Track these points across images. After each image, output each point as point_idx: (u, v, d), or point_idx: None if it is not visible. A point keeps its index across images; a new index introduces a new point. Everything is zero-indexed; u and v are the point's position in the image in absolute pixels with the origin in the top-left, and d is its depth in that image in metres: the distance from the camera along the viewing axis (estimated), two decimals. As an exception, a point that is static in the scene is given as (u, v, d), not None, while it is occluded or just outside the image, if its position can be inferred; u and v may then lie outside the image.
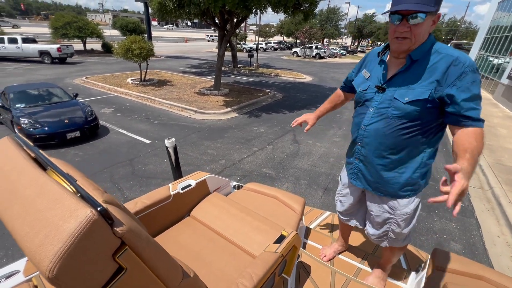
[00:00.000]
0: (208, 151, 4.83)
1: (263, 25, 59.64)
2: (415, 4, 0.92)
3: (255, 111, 7.69)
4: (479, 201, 3.78)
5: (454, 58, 0.99)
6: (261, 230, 1.08)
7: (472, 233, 3.11)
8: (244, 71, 15.58)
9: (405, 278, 1.52)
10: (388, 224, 1.32)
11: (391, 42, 1.09)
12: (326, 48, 30.31)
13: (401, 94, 1.07)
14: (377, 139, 1.16)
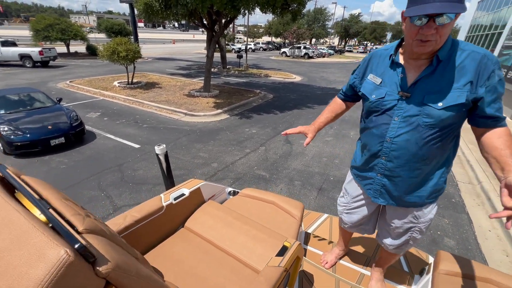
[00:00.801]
0: (200, 154, 4.73)
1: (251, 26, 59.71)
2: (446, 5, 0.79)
3: (246, 112, 7.63)
4: (469, 196, 3.85)
5: (482, 55, 0.92)
6: (261, 241, 1.02)
7: (465, 228, 3.16)
8: (234, 72, 15.49)
9: (409, 281, 1.49)
10: (410, 233, 1.26)
11: (410, 44, 0.94)
12: (314, 48, 30.59)
13: (433, 99, 0.95)
14: (409, 151, 1.04)
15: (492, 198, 3.63)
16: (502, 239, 2.98)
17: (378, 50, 1.13)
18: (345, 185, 1.46)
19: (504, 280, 1.11)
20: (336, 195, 3.65)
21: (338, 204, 1.53)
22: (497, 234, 3.06)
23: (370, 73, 1.12)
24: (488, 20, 13.21)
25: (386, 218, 1.31)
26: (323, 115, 1.41)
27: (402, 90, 1.00)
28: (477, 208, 3.58)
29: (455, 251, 2.78)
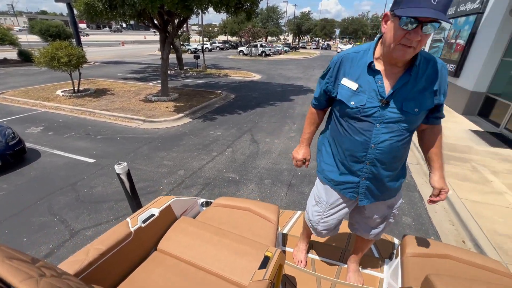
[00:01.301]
0: (164, 162, 4.50)
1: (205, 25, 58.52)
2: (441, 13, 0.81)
3: (209, 114, 7.48)
4: (418, 176, 4.30)
5: (441, 65, 1.03)
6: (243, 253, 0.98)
7: (418, 205, 3.52)
8: (192, 73, 15.05)
9: (380, 266, 1.61)
10: (386, 220, 1.39)
11: (391, 48, 0.94)
12: (270, 45, 31.19)
13: (410, 106, 1.01)
14: (391, 154, 1.09)
15: (437, 175, 4.10)
16: (447, 211, 3.40)
17: (349, 53, 1.09)
18: (316, 193, 1.41)
19: (459, 254, 1.27)
20: (305, 188, 3.78)
21: (310, 215, 1.46)
22: (444, 207, 3.48)
23: (343, 77, 1.08)
24: (419, 17, 14.84)
25: (365, 213, 1.37)
26: (308, 130, 1.40)
27: (382, 98, 1.02)
28: (425, 185, 4.02)
29: (412, 227, 3.09)
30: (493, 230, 2.92)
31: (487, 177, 4.05)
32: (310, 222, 1.47)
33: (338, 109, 1.15)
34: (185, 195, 3.59)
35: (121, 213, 3.19)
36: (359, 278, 1.55)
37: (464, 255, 1.26)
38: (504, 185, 3.84)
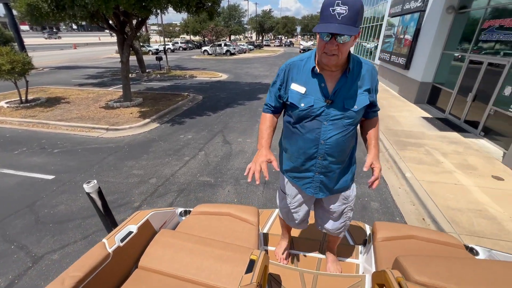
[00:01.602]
0: (134, 172, 4.29)
1: (166, 25, 56.33)
2: (344, 28, 0.97)
3: (177, 117, 7.27)
4: (381, 162, 4.66)
5: (372, 67, 1.20)
6: (228, 259, 0.99)
7: (383, 190, 3.82)
8: (156, 76, 14.44)
9: (356, 253, 1.73)
10: (345, 213, 1.50)
11: (320, 56, 1.11)
12: (235, 44, 31.09)
13: (350, 104, 1.16)
14: (338, 148, 1.23)
15: (397, 161, 4.48)
16: (408, 193, 3.74)
17: (295, 61, 1.23)
18: (282, 189, 1.55)
19: (421, 233, 1.43)
20: (280, 185, 3.89)
21: (280, 208, 1.61)
22: (405, 190, 3.82)
23: (292, 83, 1.21)
24: (371, 13, 15.92)
25: (323, 207, 1.49)
26: (266, 134, 1.35)
27: (326, 98, 1.16)
28: (388, 171, 4.37)
29: (380, 211, 3.35)
30: (446, 206, 3.28)
31: (438, 159, 4.53)
32: (281, 214, 1.64)
33: (290, 112, 1.27)
34: (159, 204, 3.48)
35: (90, 230, 2.99)
36: (337, 267, 1.67)
37: (426, 233, 1.42)
38: (452, 164, 4.33)
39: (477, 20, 6.13)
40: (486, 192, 3.57)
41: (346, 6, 0.95)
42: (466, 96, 6.17)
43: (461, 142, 5.29)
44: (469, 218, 3.08)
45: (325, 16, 1.00)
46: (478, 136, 5.60)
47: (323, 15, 1.01)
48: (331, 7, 0.97)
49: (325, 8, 0.99)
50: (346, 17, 0.96)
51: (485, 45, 5.83)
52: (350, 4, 0.95)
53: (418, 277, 0.87)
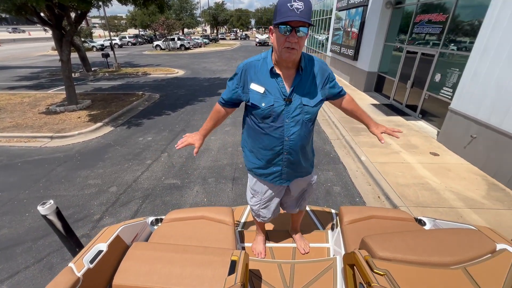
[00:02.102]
0: (89, 182, 3.95)
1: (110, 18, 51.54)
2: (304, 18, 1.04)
3: (134, 119, 6.82)
4: (340, 149, 5.02)
5: (321, 62, 1.28)
6: (209, 263, 0.99)
7: (343, 174, 4.14)
8: (104, 75, 13.24)
9: (325, 238, 1.87)
10: (304, 192, 1.66)
11: (280, 51, 1.14)
12: (189, 38, 29.92)
13: (307, 100, 1.23)
14: (301, 142, 1.32)
15: (353, 146, 4.87)
16: (365, 175, 4.11)
17: (252, 61, 1.26)
18: (251, 187, 1.61)
19: (379, 213, 1.60)
20: (249, 180, 3.95)
21: (251, 206, 1.67)
22: (362, 172, 4.19)
23: (251, 82, 1.24)
24: (320, 7, 16.65)
25: (290, 193, 1.61)
26: (206, 124, 1.51)
27: (285, 96, 1.22)
28: (346, 156, 4.73)
29: (342, 194, 3.63)
30: (396, 183, 3.70)
31: (387, 141, 5.04)
32: (253, 212, 1.69)
33: (253, 112, 1.30)
34: (123, 213, 3.27)
35: (43, 252, 2.69)
36: (306, 243, 1.82)
37: (383, 212, 1.60)
38: (398, 145, 4.86)
39: (411, 15, 6.86)
40: (426, 167, 4.11)
41: (302, 2, 1.03)
42: (406, 83, 6.92)
43: (404, 125, 5.94)
44: (414, 191, 3.52)
45: (284, 12, 1.05)
46: (417, 118, 6.36)
47: (281, 11, 1.06)
48: (288, 3, 1.04)
49: (283, 4, 1.05)
50: (304, 12, 1.04)
51: (418, 37, 6.57)
52: (305, 1, 1.05)
53: (381, 253, 1.00)
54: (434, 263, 0.95)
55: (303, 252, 1.75)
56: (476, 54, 4.21)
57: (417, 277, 0.87)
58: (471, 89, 4.30)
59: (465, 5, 5.13)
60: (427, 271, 0.89)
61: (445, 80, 5.44)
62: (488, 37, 4.00)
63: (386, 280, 0.84)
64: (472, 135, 4.19)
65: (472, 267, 0.91)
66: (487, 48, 4.01)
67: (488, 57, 3.99)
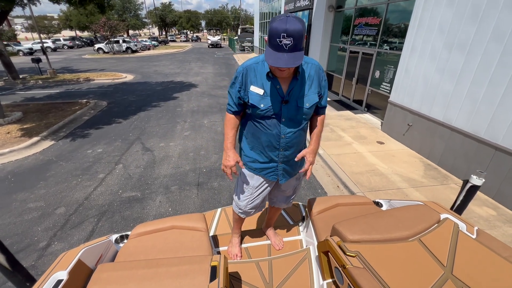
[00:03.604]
0: (29, 205, 3.44)
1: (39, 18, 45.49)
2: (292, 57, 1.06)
3: (79, 130, 6.15)
4: (299, 145, 5.26)
5: (317, 66, 1.32)
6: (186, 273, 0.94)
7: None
8: (36, 82, 11.65)
9: (297, 230, 1.94)
10: (295, 189, 1.71)
11: (273, 70, 1.22)
12: (135, 40, 28.10)
13: (302, 102, 1.30)
14: (296, 140, 1.40)
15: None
16: (324, 167, 4.39)
17: (251, 64, 1.30)
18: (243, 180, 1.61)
19: (343, 200, 1.74)
20: (214, 183, 3.89)
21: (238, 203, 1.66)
22: (321, 165, 4.46)
23: (251, 85, 1.29)
24: (268, 9, 17.20)
25: (282, 189, 1.66)
26: (229, 135, 1.46)
27: (282, 98, 1.28)
28: (305, 151, 4.98)
29: (305, 187, 3.82)
30: (351, 172, 4.03)
31: (340, 134, 5.46)
32: (238, 208, 1.69)
33: (251, 111, 1.37)
34: (76, 236, 2.94)
35: (-24, 294, 2.27)
36: (279, 239, 1.88)
37: (346, 199, 1.75)
38: (350, 137, 5.30)
39: (351, 18, 7.53)
40: (374, 155, 4.56)
41: (291, 38, 1.04)
42: (351, 80, 7.57)
43: (353, 118, 6.50)
44: (367, 178, 3.88)
45: (273, 45, 1.08)
46: (363, 111, 7.01)
47: (272, 43, 1.09)
48: (277, 38, 1.05)
49: (273, 37, 1.07)
50: (293, 46, 1.06)
51: (358, 38, 7.25)
52: (295, 36, 1.04)
53: (351, 237, 1.09)
54: (395, 238, 1.07)
55: (278, 248, 1.80)
56: (406, 52, 4.83)
57: (383, 253, 0.98)
58: (405, 83, 4.91)
59: (394, 9, 5.83)
60: (390, 247, 1.00)
61: (383, 76, 6.11)
62: (414, 37, 4.61)
63: (358, 260, 0.92)
64: (408, 123, 4.79)
65: (424, 237, 1.05)
66: (414, 47, 4.62)
67: (415, 55, 4.61)
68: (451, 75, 3.93)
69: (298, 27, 1.04)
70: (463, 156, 3.81)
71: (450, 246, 0.99)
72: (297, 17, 1.07)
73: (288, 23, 1.03)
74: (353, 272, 0.86)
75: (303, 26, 1.06)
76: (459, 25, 3.77)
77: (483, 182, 1.44)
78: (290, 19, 1.04)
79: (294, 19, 1.05)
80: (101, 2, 7.87)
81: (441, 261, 0.94)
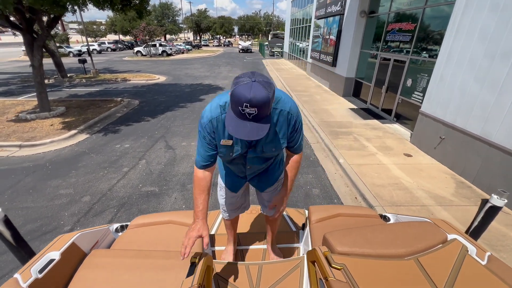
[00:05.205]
0: (60, 192, 3.75)
1: (88, 23, 50.12)
2: (255, 129, 0.97)
3: (111, 126, 6.61)
4: (319, 152, 5.12)
5: (287, 112, 1.17)
6: (170, 267, 0.95)
7: (322, 177, 4.21)
8: (80, 81, 12.79)
9: (297, 237, 1.88)
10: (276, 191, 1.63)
11: None
12: (171, 44, 29.66)
13: (269, 148, 1.25)
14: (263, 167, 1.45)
15: (332, 149, 4.99)
16: (343, 176, 4.21)
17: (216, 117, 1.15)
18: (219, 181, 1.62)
19: (346, 210, 1.64)
20: (229, 185, 3.92)
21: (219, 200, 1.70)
22: (340, 174, 4.28)
23: (221, 139, 1.19)
24: (300, 15, 17.14)
25: (261, 196, 1.66)
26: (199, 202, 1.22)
27: (249, 144, 1.24)
28: (325, 159, 4.83)
29: (320, 196, 3.69)
30: (372, 183, 3.81)
31: (364, 144, 5.21)
32: (221, 208, 1.71)
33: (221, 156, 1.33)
34: (97, 224, 3.13)
35: (6, 269, 2.51)
36: (278, 253, 1.79)
37: (350, 210, 1.65)
38: (374, 147, 5.03)
39: (383, 23, 7.22)
40: (400, 167, 4.27)
41: (255, 108, 0.93)
42: (381, 88, 7.22)
43: (380, 128, 6.17)
44: (389, 191, 3.64)
45: (236, 111, 0.97)
46: (392, 121, 6.63)
47: (234, 109, 0.98)
48: (240, 106, 0.94)
49: (235, 103, 0.95)
50: (256, 116, 0.95)
51: (391, 45, 6.91)
52: (259, 106, 0.92)
53: (340, 248, 1.02)
54: (389, 255, 0.98)
55: (273, 254, 1.75)
56: (442, 59, 4.49)
57: (372, 269, 0.90)
58: (439, 93, 4.56)
59: (430, 15, 5.48)
60: (382, 263, 0.92)
61: (416, 85, 5.74)
62: (451, 43, 4.28)
63: (342, 274, 0.86)
64: (441, 136, 4.43)
65: (423, 257, 0.95)
66: (451, 54, 4.28)
67: (452, 63, 4.27)
68: (493, 85, 3.57)
69: (263, 96, 0.91)
70: (502, 176, 3.41)
71: (452, 270, 0.88)
72: (264, 81, 0.94)
73: (253, 90, 0.90)
74: (334, 285, 0.80)
75: (269, 92, 0.93)
76: (504, 32, 3.42)
77: (505, 202, 1.26)
78: (255, 86, 0.91)
79: (260, 85, 0.92)
80: (140, 8, 8.42)
81: (437, 285, 0.83)
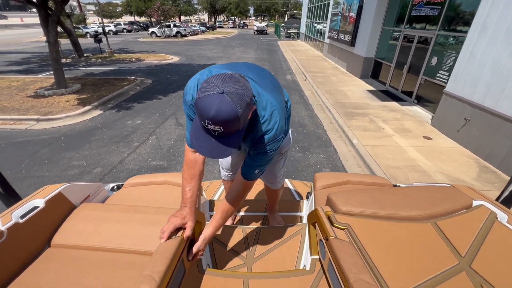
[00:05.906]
0: (73, 163, 3.85)
1: (104, 4, 50.22)
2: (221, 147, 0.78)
3: (124, 103, 6.66)
4: (332, 133, 4.93)
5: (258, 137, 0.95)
6: (158, 223, 0.90)
7: (333, 157, 4.06)
8: (96, 60, 12.94)
9: (300, 207, 1.80)
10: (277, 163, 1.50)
11: None
12: (185, 26, 29.27)
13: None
14: None
15: (346, 130, 4.78)
16: (355, 157, 4.04)
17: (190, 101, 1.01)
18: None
19: (356, 178, 1.53)
20: (237, 162, 3.86)
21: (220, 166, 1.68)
22: (352, 155, 4.11)
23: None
24: (320, -8, 16.20)
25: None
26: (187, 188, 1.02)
27: None
28: (338, 140, 4.64)
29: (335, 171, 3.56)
30: (387, 165, 3.63)
31: (380, 125, 4.95)
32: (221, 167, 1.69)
33: None
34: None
35: None
36: (280, 221, 1.73)
37: (360, 178, 1.53)
38: (391, 129, 4.77)
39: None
40: (418, 150, 4.03)
41: (220, 126, 0.75)
42: (402, 69, 6.77)
43: (398, 110, 5.84)
44: (404, 173, 3.45)
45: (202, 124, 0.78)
46: (412, 103, 6.25)
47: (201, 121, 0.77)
48: (202, 121, 0.76)
49: (200, 117, 0.76)
50: (223, 133, 0.77)
51: (416, 20, 6.37)
52: (224, 124, 0.74)
53: (345, 208, 0.92)
54: (401, 217, 0.87)
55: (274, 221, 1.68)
56: (474, 32, 4.07)
57: (381, 230, 0.79)
58: (467, 70, 4.18)
59: (464, -16, 4.94)
60: (393, 225, 0.81)
61: (441, 63, 5.31)
62: (486, 13, 3.85)
63: (346, 234, 0.76)
64: (466, 118, 4.11)
65: (442, 221, 0.83)
66: (485, 25, 3.86)
67: (485, 36, 3.86)
68: (531, 60, 3.20)
69: (229, 113, 0.71)
70: (533, 160, 3.13)
71: (477, 236, 0.76)
72: (235, 93, 0.73)
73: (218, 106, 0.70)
74: (334, 244, 0.70)
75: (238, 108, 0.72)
76: (551, -4, 3.00)
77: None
78: (222, 100, 0.70)
79: (228, 99, 0.71)
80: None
81: (458, 250, 0.72)
